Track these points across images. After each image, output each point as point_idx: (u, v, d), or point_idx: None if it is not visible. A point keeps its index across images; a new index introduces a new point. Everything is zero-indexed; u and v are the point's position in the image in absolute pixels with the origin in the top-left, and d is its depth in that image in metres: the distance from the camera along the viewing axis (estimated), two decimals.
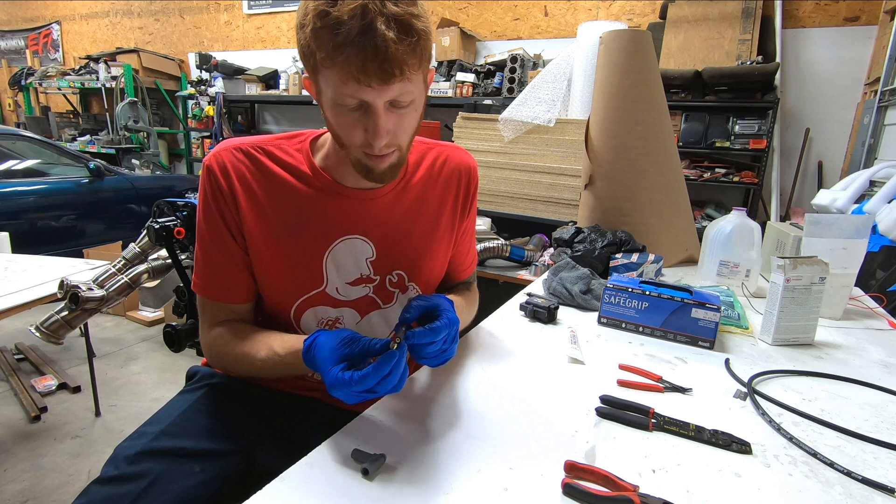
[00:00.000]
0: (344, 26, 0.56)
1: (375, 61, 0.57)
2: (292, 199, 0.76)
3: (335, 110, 0.65)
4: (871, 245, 1.72)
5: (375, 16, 0.57)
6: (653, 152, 1.52)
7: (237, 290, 0.78)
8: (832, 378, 0.87)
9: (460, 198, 0.87)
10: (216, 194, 0.74)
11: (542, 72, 2.80)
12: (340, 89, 0.61)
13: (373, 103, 0.62)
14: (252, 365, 0.72)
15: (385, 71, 0.58)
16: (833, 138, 3.01)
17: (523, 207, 2.67)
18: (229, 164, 0.74)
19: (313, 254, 0.77)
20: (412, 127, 0.70)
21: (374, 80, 0.59)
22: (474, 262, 1.00)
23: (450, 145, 0.89)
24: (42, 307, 1.48)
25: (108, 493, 0.63)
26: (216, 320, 0.78)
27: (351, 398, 0.58)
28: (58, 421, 1.99)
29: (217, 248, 0.76)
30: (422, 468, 0.58)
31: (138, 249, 1.62)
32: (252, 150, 0.76)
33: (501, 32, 3.87)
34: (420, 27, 0.60)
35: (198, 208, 0.76)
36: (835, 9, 2.93)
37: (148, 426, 0.74)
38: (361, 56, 0.57)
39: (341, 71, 0.59)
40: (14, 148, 3.48)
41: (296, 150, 0.78)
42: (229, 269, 0.76)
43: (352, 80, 0.59)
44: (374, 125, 0.64)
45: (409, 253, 0.82)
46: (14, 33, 6.49)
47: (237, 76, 4.54)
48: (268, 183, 0.75)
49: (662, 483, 0.58)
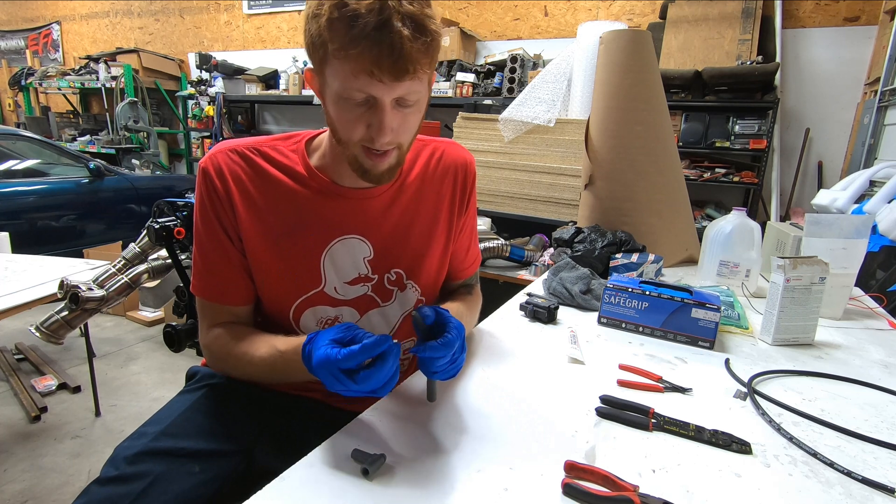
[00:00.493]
0: (361, 19, 0.57)
1: (391, 57, 0.58)
2: (289, 200, 0.76)
3: (339, 104, 0.65)
4: (871, 245, 1.72)
5: (392, 12, 0.57)
6: (653, 152, 1.52)
7: (236, 291, 0.78)
8: (832, 378, 0.87)
9: (457, 193, 0.87)
10: (212, 197, 0.74)
11: (542, 72, 2.80)
12: (350, 82, 0.61)
13: (381, 99, 0.63)
14: (250, 364, 0.71)
15: (399, 67, 0.59)
16: (833, 138, 3.01)
17: (523, 207, 2.67)
18: (225, 166, 0.74)
19: (311, 254, 0.76)
20: (414, 127, 0.70)
21: (386, 75, 0.59)
22: (476, 262, 0.98)
23: (446, 141, 0.88)
24: (42, 307, 1.48)
25: (108, 494, 0.62)
26: (215, 322, 0.78)
27: (334, 384, 0.57)
28: (58, 421, 1.99)
29: (214, 251, 0.76)
30: (422, 468, 0.58)
31: (138, 249, 1.61)
32: (247, 152, 0.76)
33: (501, 32, 3.87)
34: (433, 28, 0.61)
35: (194, 211, 0.76)
36: (835, 9, 2.93)
37: (148, 426, 0.74)
38: (376, 51, 0.57)
39: (354, 63, 0.59)
40: (14, 148, 3.48)
41: (291, 150, 0.78)
42: (227, 271, 0.76)
43: (364, 73, 0.59)
44: (380, 121, 0.64)
45: (407, 251, 0.82)
46: (14, 33, 6.49)
47: (237, 76, 4.55)
48: (264, 184, 0.75)
49: (662, 483, 0.58)
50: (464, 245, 0.93)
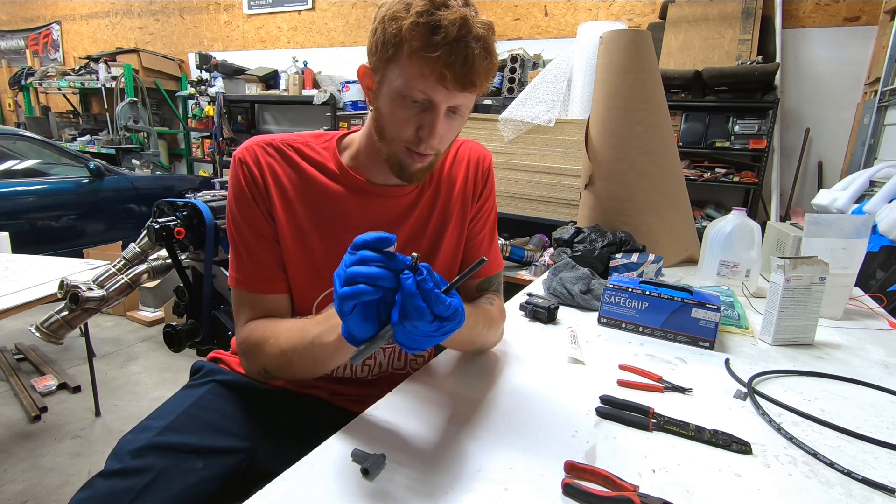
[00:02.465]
0: (443, 30, 0.62)
1: (463, 67, 0.63)
2: (319, 195, 0.78)
3: (396, 101, 0.68)
4: (871, 245, 1.72)
5: (469, 31, 0.64)
6: (653, 152, 1.52)
7: (279, 279, 0.78)
8: (832, 378, 0.87)
9: (470, 180, 0.88)
10: (250, 184, 0.76)
11: (542, 72, 2.81)
12: (415, 82, 0.65)
13: (439, 104, 0.67)
14: (287, 340, 0.69)
15: (466, 78, 0.64)
16: (833, 138, 3.01)
17: (523, 207, 2.67)
18: (261, 156, 0.77)
19: (336, 249, 0.76)
20: (454, 136, 0.75)
21: (454, 83, 0.64)
22: (496, 265, 0.92)
23: (466, 140, 0.91)
24: (42, 307, 1.48)
25: (112, 488, 0.63)
26: (255, 315, 0.77)
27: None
28: (58, 421, 1.99)
29: (255, 238, 0.76)
30: (422, 468, 0.58)
31: (138, 249, 1.62)
32: (281, 146, 0.79)
33: (501, 32, 3.87)
34: (495, 58, 0.68)
35: (229, 204, 0.76)
36: (835, 9, 2.93)
37: (152, 420, 0.74)
38: (452, 59, 0.63)
39: (428, 65, 0.63)
40: (14, 148, 3.48)
41: (322, 147, 0.81)
42: (268, 258, 0.77)
43: (434, 76, 0.64)
44: (432, 125, 0.68)
45: (425, 244, 0.84)
46: (14, 33, 6.49)
47: (237, 76, 4.55)
48: (297, 178, 0.78)
49: (662, 483, 0.58)
50: (478, 239, 0.91)
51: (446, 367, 0.85)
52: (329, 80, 4.31)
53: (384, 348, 0.87)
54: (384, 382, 0.85)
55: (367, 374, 0.88)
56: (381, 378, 0.89)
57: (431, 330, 0.53)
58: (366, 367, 0.87)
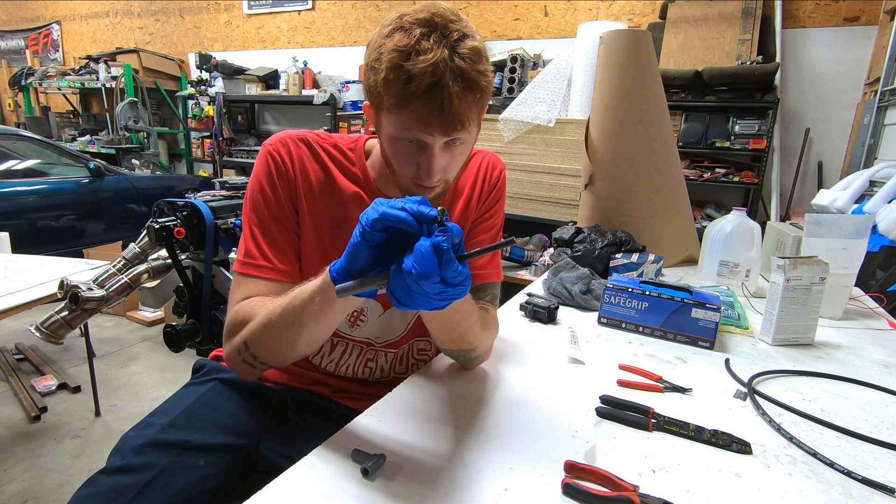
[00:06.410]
0: (414, 81, 0.60)
1: (440, 116, 0.61)
2: (339, 195, 0.79)
3: (393, 144, 0.69)
4: (871, 245, 1.72)
5: (444, 72, 0.60)
6: (653, 152, 1.52)
7: (288, 267, 0.76)
8: (832, 378, 0.87)
9: (478, 184, 0.87)
10: (280, 174, 0.76)
11: (542, 72, 2.81)
12: (402, 131, 0.65)
13: (431, 146, 0.66)
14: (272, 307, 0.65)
15: (448, 125, 0.63)
16: (833, 138, 3.01)
17: (523, 207, 2.67)
18: (293, 150, 0.78)
19: None
20: (461, 163, 0.73)
21: (436, 131, 0.63)
22: (494, 275, 0.88)
23: (482, 151, 0.90)
24: (42, 307, 1.48)
25: (114, 484, 0.63)
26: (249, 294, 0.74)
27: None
28: (58, 421, 1.99)
29: (276, 224, 0.76)
30: (422, 468, 0.58)
31: (138, 249, 1.62)
32: (312, 142, 0.80)
33: (501, 32, 3.87)
34: (484, 84, 0.64)
35: (252, 188, 0.77)
36: (835, 9, 2.93)
37: (154, 417, 0.74)
38: (426, 111, 0.61)
39: (406, 119, 0.63)
40: (14, 148, 3.48)
41: (349, 149, 0.82)
42: (285, 244, 0.76)
43: (415, 126, 0.63)
44: (429, 163, 0.67)
45: None
46: (14, 33, 6.49)
47: (237, 76, 4.54)
48: (323, 176, 0.79)
49: (662, 483, 0.58)
50: (477, 235, 0.89)
51: (446, 368, 0.85)
52: (329, 80, 4.30)
53: (385, 350, 0.87)
54: (386, 385, 0.85)
55: (368, 376, 0.88)
56: (384, 381, 0.89)
57: (433, 292, 0.51)
58: (367, 370, 0.87)
